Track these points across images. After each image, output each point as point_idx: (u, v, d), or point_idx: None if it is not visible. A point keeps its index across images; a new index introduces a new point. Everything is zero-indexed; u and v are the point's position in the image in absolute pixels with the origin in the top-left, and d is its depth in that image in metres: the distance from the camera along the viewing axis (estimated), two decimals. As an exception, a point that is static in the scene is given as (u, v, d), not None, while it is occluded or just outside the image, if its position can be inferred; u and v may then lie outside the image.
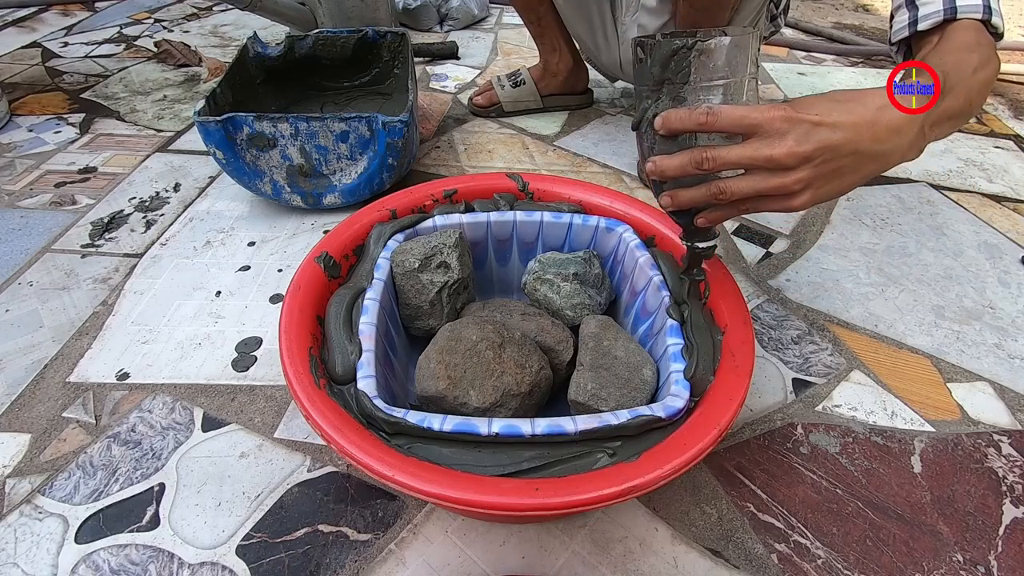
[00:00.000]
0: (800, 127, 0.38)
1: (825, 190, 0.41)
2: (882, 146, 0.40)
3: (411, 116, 0.79)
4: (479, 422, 0.41)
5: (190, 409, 0.58)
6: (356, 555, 0.47)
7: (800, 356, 0.65)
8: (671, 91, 0.41)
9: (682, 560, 0.47)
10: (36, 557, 0.46)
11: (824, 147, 0.38)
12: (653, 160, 0.42)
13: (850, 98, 0.40)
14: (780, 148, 0.38)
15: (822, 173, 0.39)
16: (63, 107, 1.10)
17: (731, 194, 0.40)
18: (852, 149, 0.39)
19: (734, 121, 0.38)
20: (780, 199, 0.41)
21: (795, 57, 1.42)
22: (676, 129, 0.40)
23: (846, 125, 0.39)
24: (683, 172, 0.41)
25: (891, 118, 0.40)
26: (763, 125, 0.38)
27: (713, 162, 0.39)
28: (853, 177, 0.41)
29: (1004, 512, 0.51)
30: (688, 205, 0.43)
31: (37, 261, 0.75)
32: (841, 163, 0.39)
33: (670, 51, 0.40)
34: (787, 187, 0.39)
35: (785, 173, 0.39)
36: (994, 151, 1.05)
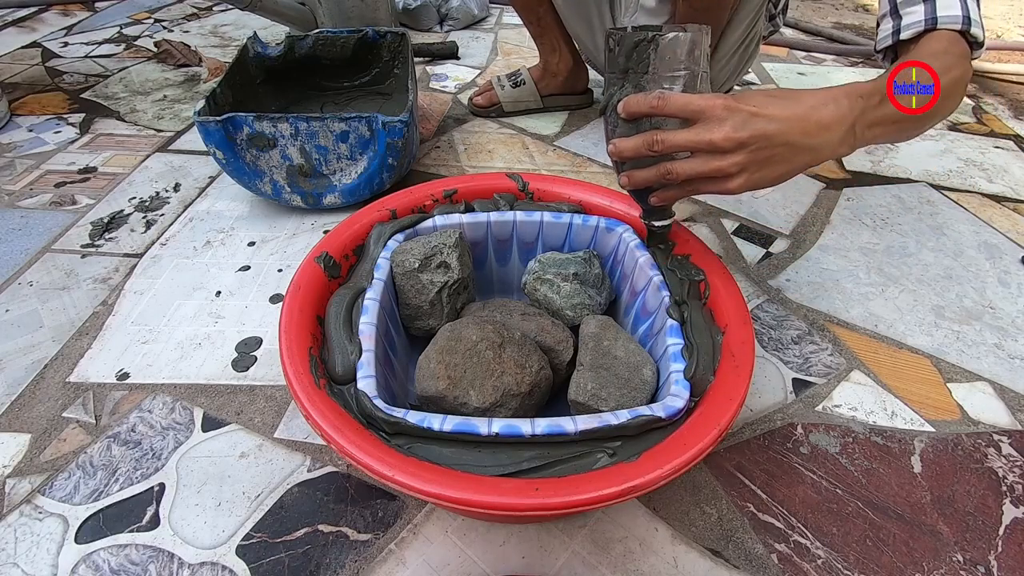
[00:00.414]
0: (738, 115, 0.42)
1: (759, 175, 0.44)
2: (812, 140, 0.44)
3: (411, 116, 0.79)
4: (479, 422, 0.41)
5: (190, 409, 0.58)
6: (356, 555, 0.47)
7: (800, 356, 0.65)
8: (634, 79, 0.46)
9: (682, 560, 0.47)
10: (36, 557, 0.46)
11: (758, 135, 0.42)
12: (614, 142, 0.47)
13: (788, 95, 0.44)
14: (719, 133, 0.42)
15: (756, 160, 0.43)
16: (63, 107, 1.10)
17: (676, 174, 0.44)
18: (784, 140, 0.43)
19: (680, 106, 0.43)
20: (718, 181, 0.44)
21: (795, 57, 1.42)
22: (633, 112, 0.44)
23: (780, 118, 0.42)
24: (637, 153, 0.45)
25: (821, 116, 0.44)
26: (706, 111, 0.42)
27: (662, 144, 0.43)
28: (786, 166, 0.44)
29: (1004, 512, 0.51)
30: (642, 184, 0.47)
31: (37, 261, 0.75)
32: (774, 152, 0.43)
33: (633, 43, 0.44)
34: (724, 170, 0.43)
35: (723, 156, 0.43)
36: (994, 151, 1.05)
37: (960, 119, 1.16)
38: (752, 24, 0.86)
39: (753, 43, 0.90)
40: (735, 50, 0.89)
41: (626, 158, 0.46)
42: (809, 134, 0.44)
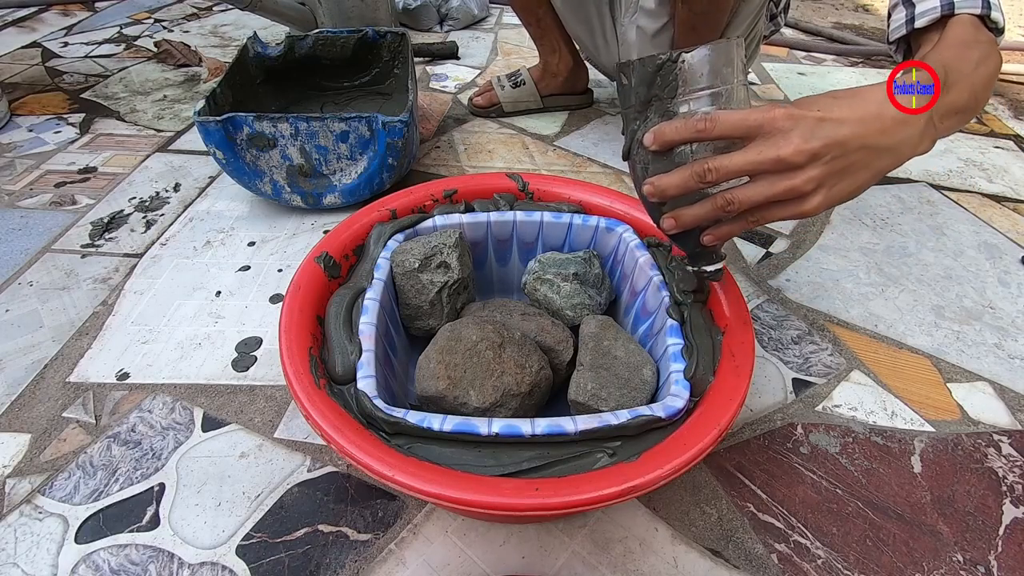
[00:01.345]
0: (804, 123, 0.36)
1: (838, 189, 0.39)
2: (891, 139, 0.38)
3: (411, 116, 0.79)
4: (479, 422, 0.41)
5: (190, 409, 0.58)
6: (356, 555, 0.47)
7: (800, 356, 0.65)
8: (659, 108, 0.40)
9: (682, 560, 0.47)
10: (36, 557, 0.46)
11: (832, 142, 0.36)
12: (650, 181, 0.40)
13: (851, 94, 0.39)
14: (787, 147, 0.36)
15: (834, 171, 0.37)
16: (63, 107, 1.10)
17: (740, 204, 0.38)
18: (861, 143, 0.37)
19: (734, 124, 0.37)
20: (792, 204, 0.38)
21: (795, 57, 1.42)
22: (671, 141, 0.38)
23: (852, 119, 0.37)
24: (686, 188, 0.39)
25: (895, 111, 0.38)
26: (765, 125, 0.36)
27: (717, 172, 0.37)
28: (866, 174, 0.39)
29: (1004, 512, 0.51)
30: (694, 223, 0.41)
31: (37, 261, 0.75)
32: (852, 159, 0.38)
33: (655, 67, 0.39)
34: (799, 188, 0.37)
35: (794, 173, 0.37)
36: (994, 151, 1.05)
37: (960, 119, 1.16)
38: (752, 25, 0.86)
39: (754, 43, 0.90)
40: None
41: (670, 196, 0.40)
42: (887, 132, 0.38)
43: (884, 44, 0.67)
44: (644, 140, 0.39)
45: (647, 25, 0.87)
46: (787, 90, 1.24)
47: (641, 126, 0.41)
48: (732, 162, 0.37)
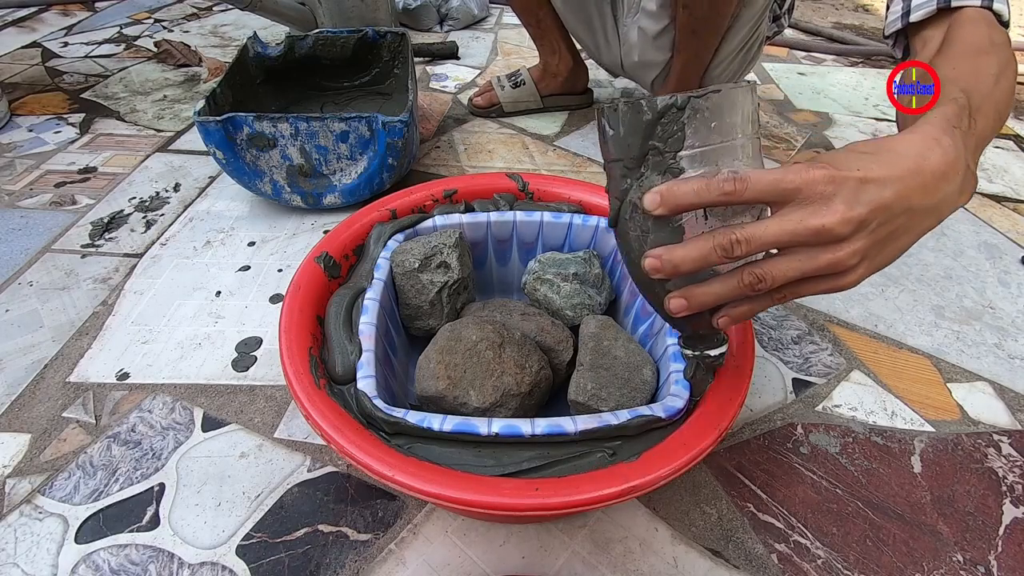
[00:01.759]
0: (847, 187, 0.31)
1: (881, 259, 0.34)
2: (933, 198, 0.34)
3: (411, 116, 0.79)
4: (479, 422, 0.41)
5: (190, 409, 0.58)
6: (356, 555, 0.47)
7: (800, 356, 0.65)
8: (658, 164, 0.33)
9: (682, 560, 0.47)
10: (36, 557, 0.46)
11: (878, 207, 0.31)
12: (656, 255, 0.32)
13: (885, 148, 0.33)
14: (831, 216, 0.30)
15: (878, 240, 0.32)
16: (63, 107, 1.10)
17: (772, 281, 0.32)
18: (905, 206, 0.32)
19: (768, 187, 0.31)
20: (830, 278, 0.33)
21: (795, 57, 1.42)
22: (687, 205, 0.31)
23: (893, 178, 0.32)
24: (706, 263, 0.32)
25: (935, 164, 0.33)
26: (803, 189, 0.30)
27: (748, 244, 0.31)
28: (908, 239, 0.34)
29: (1004, 512, 0.51)
30: (713, 304, 0.34)
31: (37, 261, 0.75)
32: (896, 224, 0.33)
33: (655, 114, 0.32)
34: (842, 262, 0.31)
35: (837, 246, 0.31)
36: (994, 151, 1.05)
37: (960, 119, 1.16)
38: (755, 26, 0.86)
39: (756, 45, 0.90)
40: (737, 52, 0.89)
41: (684, 273, 0.32)
42: (929, 191, 0.33)
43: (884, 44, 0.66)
44: (646, 203, 0.32)
45: (649, 27, 0.87)
46: (787, 90, 1.24)
47: (635, 185, 0.34)
48: (767, 232, 0.31)
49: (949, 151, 0.34)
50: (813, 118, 1.13)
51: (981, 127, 0.39)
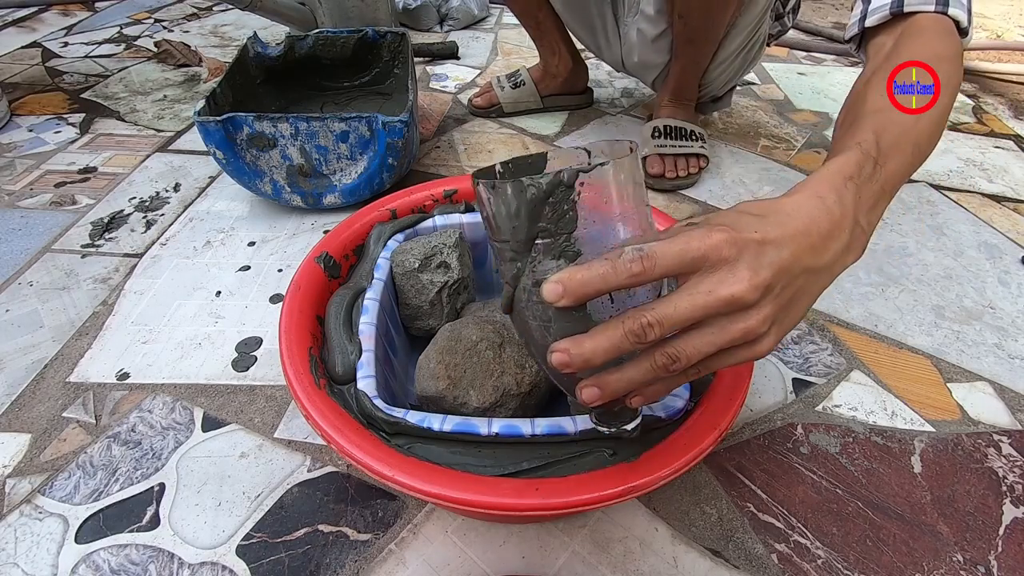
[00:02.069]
0: (749, 250, 0.29)
1: (786, 323, 0.32)
2: (823, 258, 0.32)
3: (411, 116, 0.79)
4: (479, 422, 0.41)
5: (190, 409, 0.58)
6: (356, 555, 0.47)
7: (800, 356, 0.65)
8: (551, 247, 0.29)
9: (682, 560, 0.47)
10: (36, 557, 0.46)
11: (780, 270, 0.30)
12: (564, 349, 0.29)
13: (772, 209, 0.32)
14: (739, 284, 0.28)
15: (783, 304, 0.31)
16: (63, 107, 1.10)
17: (687, 360, 0.29)
18: (802, 267, 0.31)
19: (675, 261, 0.28)
20: (744, 348, 0.31)
21: (795, 57, 1.42)
22: (593, 292, 0.28)
23: (786, 238, 0.30)
24: (619, 353, 0.29)
25: (821, 224, 0.32)
26: (708, 256, 0.28)
27: (661, 326, 0.28)
28: (807, 300, 0.33)
29: (1004, 512, 0.51)
30: (627, 391, 0.31)
31: (37, 261, 0.75)
32: (796, 286, 0.31)
33: (543, 193, 0.28)
34: (753, 331, 0.29)
35: (747, 314, 0.29)
36: (994, 151, 1.05)
37: (960, 119, 1.16)
38: (755, 29, 0.87)
39: (757, 45, 0.90)
40: (737, 54, 0.89)
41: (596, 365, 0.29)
42: (818, 251, 0.32)
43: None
44: (546, 294, 0.28)
45: (647, 29, 0.88)
46: (787, 90, 1.24)
47: (527, 270, 0.30)
48: (679, 310, 0.28)
49: (834, 210, 0.33)
50: (813, 118, 1.14)
51: (892, 169, 0.37)
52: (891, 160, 0.38)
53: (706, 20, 0.80)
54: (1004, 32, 1.62)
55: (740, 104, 1.18)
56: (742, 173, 0.96)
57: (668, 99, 0.95)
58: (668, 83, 0.94)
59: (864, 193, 0.35)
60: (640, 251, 0.28)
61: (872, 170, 0.36)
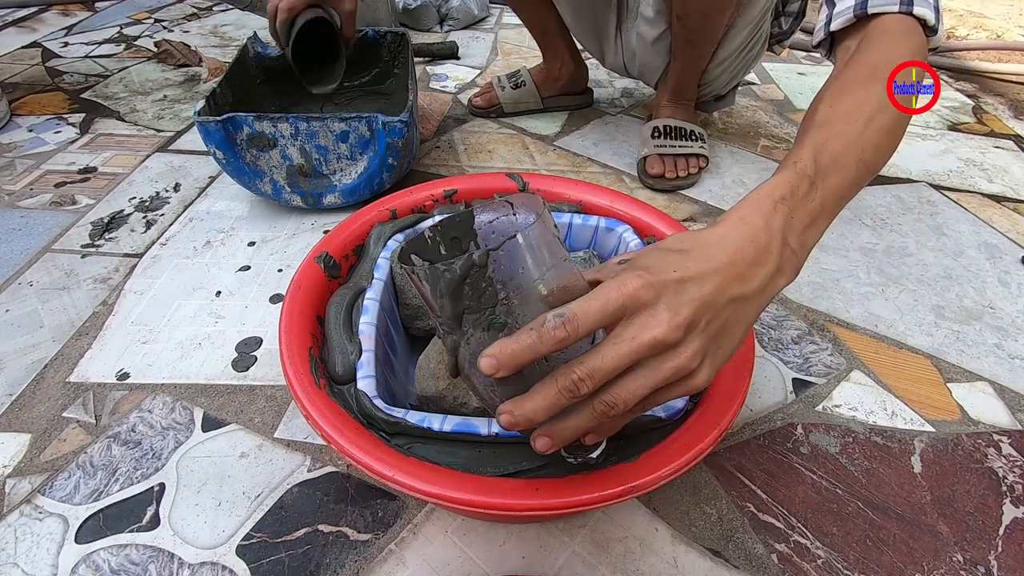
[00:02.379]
0: (667, 291, 0.30)
1: (721, 353, 0.33)
2: (751, 285, 0.33)
3: (411, 116, 0.79)
4: (479, 422, 0.41)
5: (190, 409, 0.58)
6: (356, 555, 0.47)
7: (800, 356, 0.65)
8: (478, 321, 0.31)
9: (682, 560, 0.47)
10: (36, 557, 0.46)
11: (702, 305, 0.31)
12: (508, 411, 0.31)
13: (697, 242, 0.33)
14: (659, 327, 0.29)
15: (712, 336, 0.32)
16: (63, 107, 1.10)
17: (624, 404, 0.31)
18: (727, 298, 0.32)
19: (596, 317, 0.29)
20: (680, 384, 0.32)
21: (795, 57, 1.42)
22: (526, 362, 0.29)
23: (710, 273, 0.31)
24: (559, 408, 0.30)
25: (746, 251, 0.33)
26: (627, 304, 0.30)
27: (592, 379, 0.29)
28: (741, 327, 0.34)
29: (1004, 512, 0.51)
30: (577, 437, 0.33)
31: (37, 261, 0.75)
32: (724, 317, 0.32)
33: (458, 278, 0.30)
34: (684, 367, 0.31)
35: (675, 352, 0.30)
36: (994, 151, 1.05)
37: (960, 119, 1.16)
38: (758, 26, 0.87)
39: (759, 43, 0.90)
40: (737, 54, 0.89)
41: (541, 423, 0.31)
42: (745, 279, 0.33)
43: None
44: (483, 368, 0.30)
45: (647, 32, 0.88)
46: (787, 90, 1.24)
47: (464, 342, 0.32)
48: (606, 361, 0.29)
49: (760, 235, 0.33)
50: (813, 118, 1.13)
51: (832, 186, 0.38)
52: (831, 177, 0.38)
53: (704, 21, 0.80)
54: (1004, 32, 1.62)
55: (740, 104, 1.18)
56: (742, 173, 0.96)
57: (667, 99, 0.95)
58: (667, 83, 0.94)
59: (798, 213, 0.36)
60: (562, 316, 0.29)
61: (808, 189, 0.36)
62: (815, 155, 0.38)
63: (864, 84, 0.42)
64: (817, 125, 0.41)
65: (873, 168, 0.41)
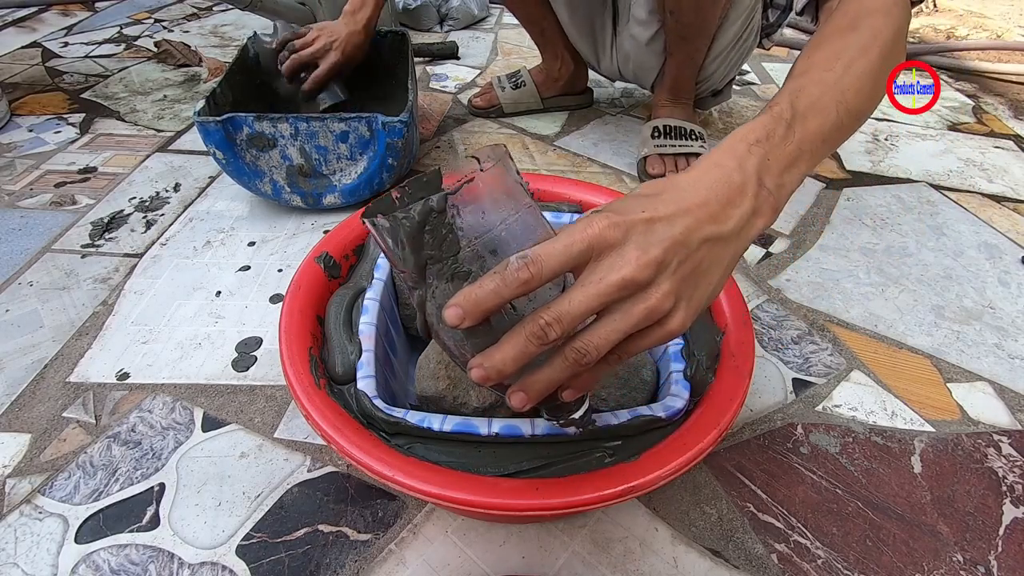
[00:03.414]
0: (635, 230, 0.30)
1: (696, 297, 0.32)
2: (726, 225, 0.32)
3: (411, 116, 0.79)
4: (479, 422, 0.41)
5: (190, 409, 0.58)
6: (356, 555, 0.47)
7: (800, 356, 0.65)
8: (442, 271, 0.30)
9: (682, 560, 0.47)
10: (36, 557, 0.46)
11: (672, 244, 0.30)
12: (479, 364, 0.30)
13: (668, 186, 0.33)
14: (627, 265, 0.29)
15: (684, 277, 0.31)
16: (63, 107, 1.10)
17: (597, 351, 0.30)
18: (700, 238, 0.31)
19: (561, 259, 0.28)
20: (655, 328, 0.31)
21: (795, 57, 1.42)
22: (488, 310, 0.29)
23: (681, 213, 0.31)
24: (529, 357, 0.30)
25: (719, 191, 0.32)
26: (593, 244, 0.29)
27: (560, 324, 0.29)
28: (717, 271, 0.33)
29: (1004, 512, 0.51)
30: (552, 389, 0.32)
31: (37, 261, 0.75)
32: (698, 259, 0.31)
33: (416, 225, 0.29)
34: (656, 309, 0.30)
35: (646, 293, 0.30)
36: (994, 151, 1.05)
37: (960, 119, 1.16)
38: (749, 17, 0.87)
39: (751, 36, 0.90)
40: (732, 46, 0.89)
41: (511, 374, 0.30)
42: (719, 219, 0.32)
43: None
44: (448, 319, 0.29)
45: (639, 33, 0.88)
46: (787, 90, 1.24)
47: (430, 296, 0.31)
48: (574, 305, 0.29)
49: (734, 176, 0.33)
50: (813, 118, 1.13)
51: (812, 128, 0.37)
52: (810, 120, 0.37)
53: (697, 16, 0.80)
54: (1004, 32, 1.62)
55: (740, 104, 1.18)
56: (742, 173, 0.96)
57: (666, 98, 0.95)
58: (665, 82, 0.95)
59: (774, 155, 0.35)
60: (525, 258, 0.28)
61: (785, 132, 0.36)
62: (792, 100, 0.37)
63: (842, 33, 0.42)
64: (795, 75, 0.40)
65: (857, 112, 0.40)
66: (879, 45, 0.41)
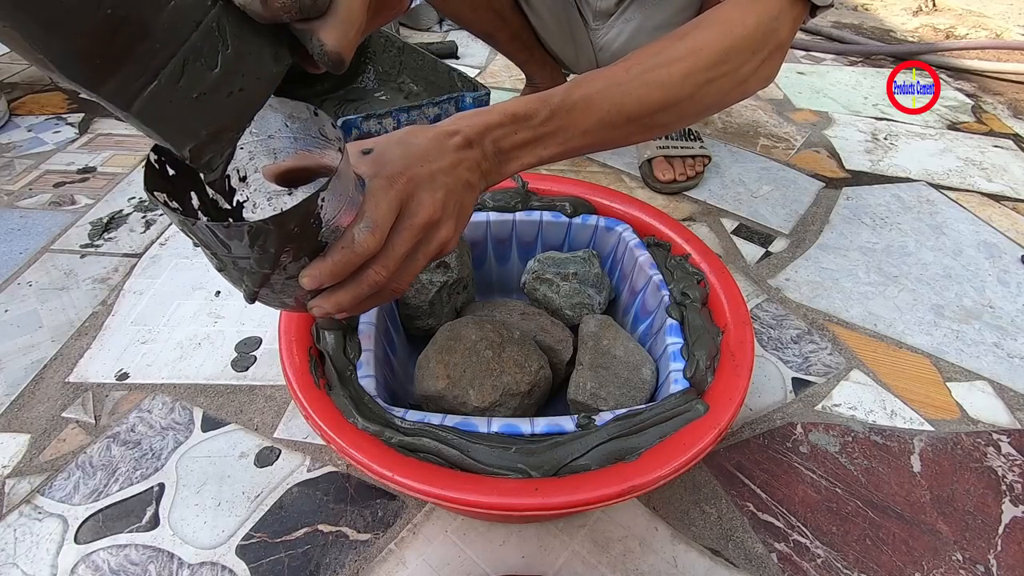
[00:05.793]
0: (414, 183, 0.35)
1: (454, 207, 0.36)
2: (431, 166, 0.36)
3: (488, 94, 0.85)
4: (479, 421, 0.41)
5: (190, 409, 0.58)
6: (356, 555, 0.47)
7: (800, 355, 0.65)
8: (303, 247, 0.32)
9: (682, 559, 0.47)
10: (36, 557, 0.46)
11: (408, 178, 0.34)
12: (320, 305, 0.34)
13: (404, 141, 0.37)
14: (423, 211, 0.34)
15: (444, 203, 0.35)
16: (62, 107, 1.10)
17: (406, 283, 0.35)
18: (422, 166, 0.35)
19: (387, 215, 0.33)
20: (431, 241, 0.36)
21: (794, 56, 1.42)
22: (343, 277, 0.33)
23: (422, 165, 0.35)
24: (362, 299, 0.34)
25: (417, 145, 0.36)
26: (402, 195, 0.34)
27: (387, 269, 0.34)
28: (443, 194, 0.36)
29: (1003, 511, 0.51)
30: (369, 306, 0.36)
31: (36, 261, 0.75)
32: (416, 176, 0.35)
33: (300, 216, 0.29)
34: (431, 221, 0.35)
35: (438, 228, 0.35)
36: (993, 151, 1.05)
37: (960, 118, 1.16)
38: None
39: None
40: None
41: (354, 308, 0.35)
42: (428, 158, 0.36)
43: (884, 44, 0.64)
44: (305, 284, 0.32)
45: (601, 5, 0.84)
46: (786, 89, 1.24)
47: (277, 271, 0.32)
48: (397, 251, 0.33)
49: (429, 129, 0.37)
50: (813, 117, 1.14)
51: (576, 119, 0.40)
52: (577, 112, 0.40)
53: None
54: (1004, 32, 1.62)
55: (739, 103, 1.18)
56: (742, 172, 0.96)
57: None
58: None
59: (521, 129, 0.39)
60: (368, 227, 0.32)
61: (548, 115, 0.39)
62: (570, 88, 0.40)
63: (672, 39, 0.43)
64: (604, 66, 0.42)
65: (636, 116, 0.41)
66: (690, 60, 0.42)
